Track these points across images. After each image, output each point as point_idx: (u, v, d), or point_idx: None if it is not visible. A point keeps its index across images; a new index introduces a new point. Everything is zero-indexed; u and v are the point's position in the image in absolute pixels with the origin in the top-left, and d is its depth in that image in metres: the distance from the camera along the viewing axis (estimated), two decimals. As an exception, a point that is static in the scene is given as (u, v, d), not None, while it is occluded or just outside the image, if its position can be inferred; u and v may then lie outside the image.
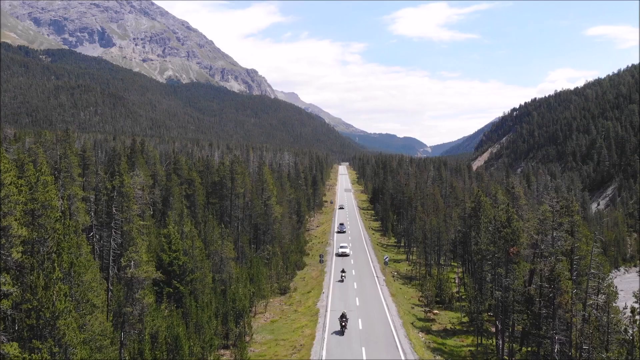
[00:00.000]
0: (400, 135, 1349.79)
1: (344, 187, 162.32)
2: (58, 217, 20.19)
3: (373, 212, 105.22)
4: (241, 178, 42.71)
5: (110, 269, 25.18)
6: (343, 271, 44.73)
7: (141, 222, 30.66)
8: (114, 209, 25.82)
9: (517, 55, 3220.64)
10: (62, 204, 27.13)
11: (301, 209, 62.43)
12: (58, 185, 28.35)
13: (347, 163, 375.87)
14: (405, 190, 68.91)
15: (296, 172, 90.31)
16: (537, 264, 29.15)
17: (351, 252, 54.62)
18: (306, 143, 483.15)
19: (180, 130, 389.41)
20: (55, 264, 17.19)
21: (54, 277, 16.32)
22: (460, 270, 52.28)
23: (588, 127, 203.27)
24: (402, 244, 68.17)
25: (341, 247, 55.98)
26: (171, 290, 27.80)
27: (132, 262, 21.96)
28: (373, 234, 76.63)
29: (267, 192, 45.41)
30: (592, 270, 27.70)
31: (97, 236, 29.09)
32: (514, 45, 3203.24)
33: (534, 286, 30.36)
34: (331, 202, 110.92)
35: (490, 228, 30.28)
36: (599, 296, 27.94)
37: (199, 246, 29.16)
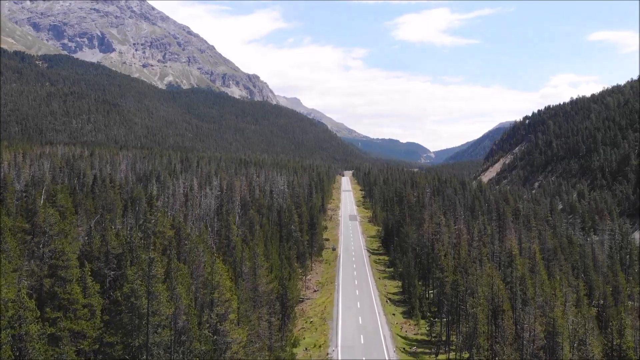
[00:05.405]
0: (403, 140, 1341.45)
1: (349, 213, 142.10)
2: None
3: (387, 257, 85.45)
4: (166, 293, 24.01)
5: None
6: None
7: None
8: None
9: (518, 60, 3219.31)
10: None
11: (287, 296, 43.49)
12: None
13: (351, 173, 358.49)
14: (443, 263, 49.14)
15: (289, 211, 72.53)
16: None
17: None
18: (307, 150, 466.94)
19: (177, 139, 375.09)
20: None
21: None
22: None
23: (616, 140, 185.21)
24: (442, 339, 45.55)
25: None
26: None
27: None
28: (393, 314, 54.72)
29: (220, 306, 27.19)
30: None
31: None
32: (515, 50, 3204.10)
33: None
34: (333, 249, 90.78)
35: None
36: None
37: None
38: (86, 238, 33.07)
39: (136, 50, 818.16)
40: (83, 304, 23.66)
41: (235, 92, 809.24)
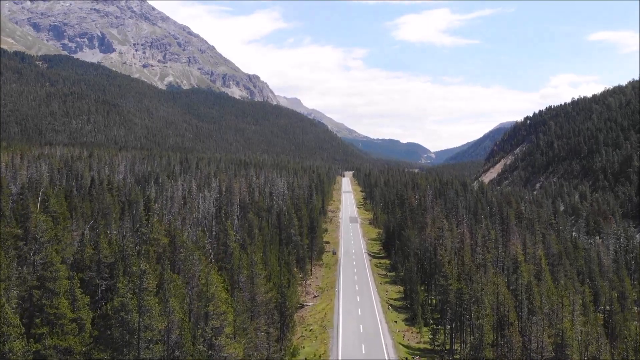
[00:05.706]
0: (404, 140, 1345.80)
1: (349, 215, 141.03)
2: None
3: (388, 261, 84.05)
4: (158, 306, 22.97)
5: None
6: None
7: None
8: None
9: (518, 60, 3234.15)
10: None
11: (286, 304, 42.33)
12: None
13: (351, 173, 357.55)
14: (446, 270, 48.01)
15: (289, 214, 71.57)
16: None
17: None
18: (308, 151, 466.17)
19: (177, 139, 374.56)
20: None
21: None
22: None
23: (618, 141, 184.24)
24: (446, 348, 43.94)
25: None
26: None
27: None
28: (395, 322, 53.24)
29: (215, 320, 26.08)
30: None
31: None
32: (515, 50, 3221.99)
33: None
34: (334, 253, 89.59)
35: None
36: None
37: None
38: (79, 245, 32.04)
39: (136, 50, 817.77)
40: (71, 318, 22.62)
41: (236, 92, 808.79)
